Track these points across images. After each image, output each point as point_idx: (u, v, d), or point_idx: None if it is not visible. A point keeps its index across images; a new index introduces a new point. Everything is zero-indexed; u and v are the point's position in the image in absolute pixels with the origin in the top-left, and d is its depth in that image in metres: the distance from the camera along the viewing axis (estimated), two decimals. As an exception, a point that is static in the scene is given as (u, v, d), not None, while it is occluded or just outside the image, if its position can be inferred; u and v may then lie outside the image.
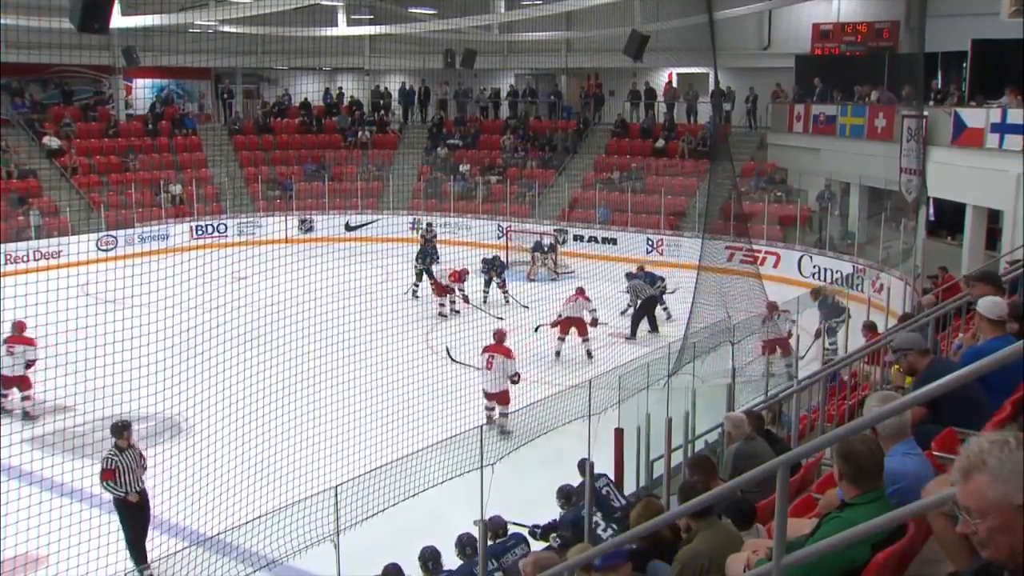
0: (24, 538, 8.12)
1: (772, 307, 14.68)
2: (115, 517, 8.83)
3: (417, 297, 19.72)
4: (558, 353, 15.69)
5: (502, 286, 19.34)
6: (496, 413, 12.23)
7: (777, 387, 11.32)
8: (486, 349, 12.32)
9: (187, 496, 8.97)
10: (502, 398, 12.22)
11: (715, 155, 21.73)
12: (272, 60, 29.97)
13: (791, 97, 25.59)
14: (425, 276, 19.83)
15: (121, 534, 8.56)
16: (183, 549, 7.62)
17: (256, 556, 7.75)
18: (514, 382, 12.23)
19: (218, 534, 7.91)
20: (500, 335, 12.55)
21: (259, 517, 7.74)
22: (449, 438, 9.20)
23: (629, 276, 17.51)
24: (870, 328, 11.76)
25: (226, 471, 9.11)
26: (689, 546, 4.79)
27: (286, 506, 7.75)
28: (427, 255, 20.05)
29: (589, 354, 15.70)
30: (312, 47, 25.23)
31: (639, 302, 17.16)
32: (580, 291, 16.27)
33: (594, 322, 16.11)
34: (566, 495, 8.33)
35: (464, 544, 7.41)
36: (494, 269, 19.43)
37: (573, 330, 15.79)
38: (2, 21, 18.45)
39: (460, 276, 18.49)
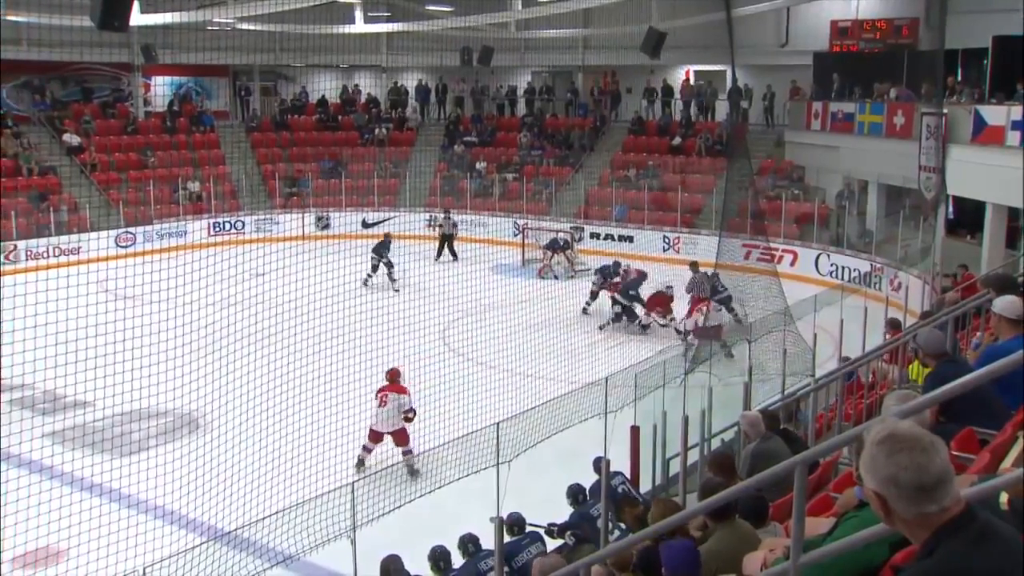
0: (44, 532, 8.20)
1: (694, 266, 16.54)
2: (134, 511, 8.91)
3: (368, 287, 19.85)
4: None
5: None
6: (369, 454, 11.29)
7: (794, 386, 11.28)
8: (380, 391, 11.22)
9: (205, 491, 9.03)
10: (400, 438, 11.21)
11: (732, 153, 21.65)
12: (289, 57, 30.09)
13: (809, 95, 25.45)
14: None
15: (140, 527, 8.62)
16: (201, 544, 7.66)
17: (274, 551, 7.79)
18: (408, 419, 11.16)
19: (236, 529, 7.95)
20: (393, 374, 11.41)
21: (276, 513, 7.78)
22: (465, 435, 9.21)
23: (694, 267, 17.37)
24: (894, 326, 11.56)
25: (244, 467, 9.16)
26: (705, 544, 4.79)
27: (303, 502, 7.78)
28: (384, 249, 20.95)
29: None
30: (329, 44, 25.26)
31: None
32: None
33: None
34: (574, 494, 8.36)
35: (466, 543, 7.42)
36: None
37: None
38: (24, 19, 18.63)
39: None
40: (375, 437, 11.24)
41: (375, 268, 20.73)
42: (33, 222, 23.60)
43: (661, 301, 16.89)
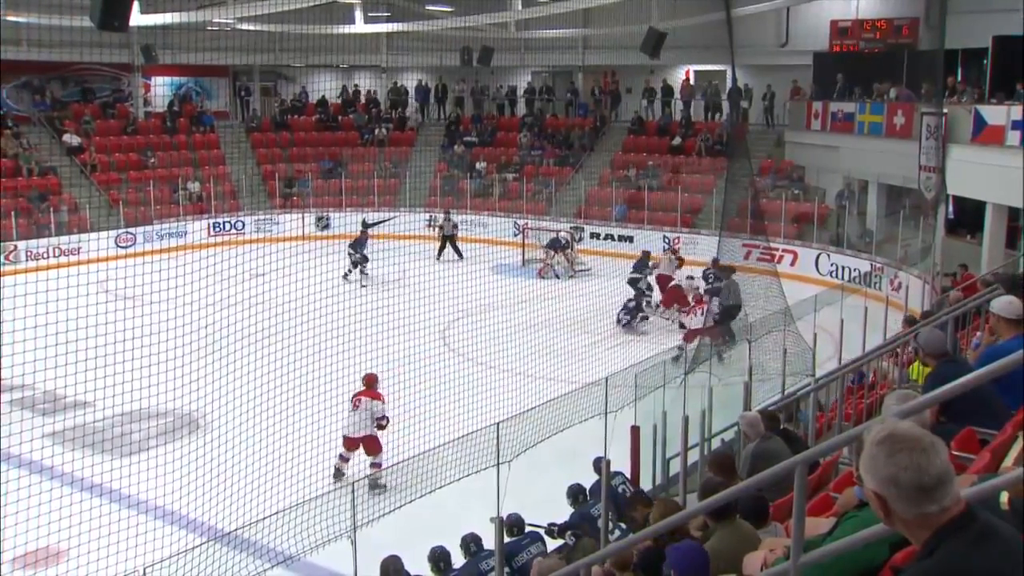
0: (45, 532, 8.20)
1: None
2: (134, 511, 8.90)
3: (348, 281, 20.23)
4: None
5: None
6: (350, 463, 10.99)
7: (794, 386, 11.28)
8: (355, 396, 10.99)
9: (205, 492, 9.02)
10: (370, 445, 10.90)
11: (732, 153, 21.66)
12: (289, 57, 30.11)
13: (809, 95, 25.45)
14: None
15: (140, 527, 8.62)
16: (201, 544, 7.66)
17: (274, 552, 7.79)
18: (381, 427, 10.88)
19: (236, 529, 7.95)
20: (370, 379, 11.11)
21: (277, 513, 7.78)
22: (465, 435, 9.20)
23: (707, 276, 16.68)
24: (911, 323, 11.45)
25: (243, 467, 9.16)
26: (705, 544, 4.79)
27: (303, 502, 7.78)
28: (360, 245, 21.55)
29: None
30: (329, 45, 25.28)
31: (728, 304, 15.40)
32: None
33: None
34: (574, 494, 8.35)
35: (468, 543, 7.44)
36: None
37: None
38: (24, 19, 18.63)
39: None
40: (349, 444, 10.95)
41: (355, 264, 21.21)
42: (33, 222, 23.61)
43: (678, 296, 16.87)
